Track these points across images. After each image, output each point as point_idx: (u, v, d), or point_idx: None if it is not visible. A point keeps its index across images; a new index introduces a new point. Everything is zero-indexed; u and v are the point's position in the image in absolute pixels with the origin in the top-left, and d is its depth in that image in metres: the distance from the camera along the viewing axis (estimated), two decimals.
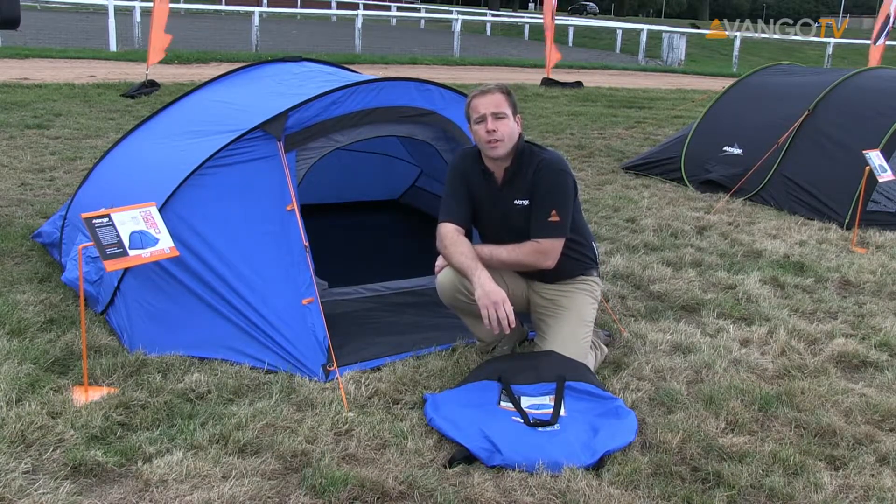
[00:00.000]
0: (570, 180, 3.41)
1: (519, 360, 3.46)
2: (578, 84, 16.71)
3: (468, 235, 3.45)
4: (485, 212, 3.49)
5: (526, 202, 3.38)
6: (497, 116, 3.30)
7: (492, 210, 3.46)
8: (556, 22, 17.30)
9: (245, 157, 3.64)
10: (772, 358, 3.85)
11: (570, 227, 3.42)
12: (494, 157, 3.36)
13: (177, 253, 3.25)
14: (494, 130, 3.29)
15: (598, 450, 2.85)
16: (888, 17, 13.95)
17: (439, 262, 3.53)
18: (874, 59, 13.76)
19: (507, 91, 3.39)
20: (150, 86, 12.07)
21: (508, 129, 3.32)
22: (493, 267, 3.36)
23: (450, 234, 3.38)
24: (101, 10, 20.56)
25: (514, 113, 3.37)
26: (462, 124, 4.16)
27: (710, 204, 6.97)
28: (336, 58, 16.07)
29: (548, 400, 3.13)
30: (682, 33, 26.99)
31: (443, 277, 3.50)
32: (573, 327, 3.48)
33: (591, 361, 3.50)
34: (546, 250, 3.35)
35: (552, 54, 16.85)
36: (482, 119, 3.31)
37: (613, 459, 2.87)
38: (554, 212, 3.32)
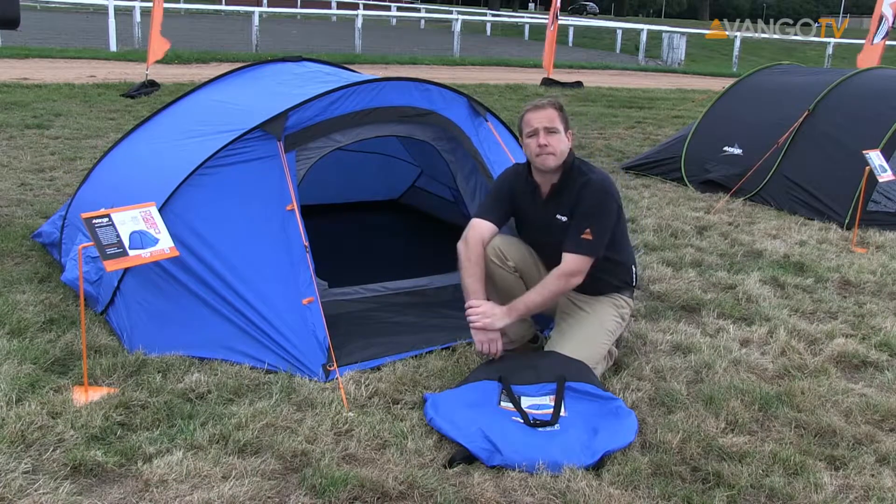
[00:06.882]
0: (612, 203, 3.47)
1: (519, 360, 3.46)
2: (578, 84, 16.70)
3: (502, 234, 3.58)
4: (528, 223, 3.63)
5: (566, 218, 3.46)
6: (549, 131, 3.42)
7: (535, 222, 3.58)
8: (558, 22, 17.27)
9: (245, 157, 3.64)
10: (772, 358, 3.85)
11: (611, 247, 3.49)
12: (544, 168, 3.47)
13: (177, 253, 3.25)
14: (546, 145, 3.41)
15: (598, 450, 2.85)
16: (881, 18, 13.88)
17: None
18: (870, 59, 13.66)
19: (559, 107, 3.49)
20: (150, 86, 12.07)
21: (560, 145, 3.44)
22: (533, 313, 3.51)
23: (474, 245, 3.48)
24: (101, 10, 20.55)
25: (566, 129, 3.48)
26: (462, 124, 4.17)
27: (710, 204, 6.97)
28: (336, 58, 16.06)
29: (548, 400, 3.13)
30: (682, 33, 26.97)
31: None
32: (592, 331, 3.51)
33: (600, 369, 3.50)
34: (571, 270, 3.39)
35: (550, 55, 16.84)
36: (534, 133, 3.43)
37: (613, 459, 2.87)
38: (588, 230, 3.38)
